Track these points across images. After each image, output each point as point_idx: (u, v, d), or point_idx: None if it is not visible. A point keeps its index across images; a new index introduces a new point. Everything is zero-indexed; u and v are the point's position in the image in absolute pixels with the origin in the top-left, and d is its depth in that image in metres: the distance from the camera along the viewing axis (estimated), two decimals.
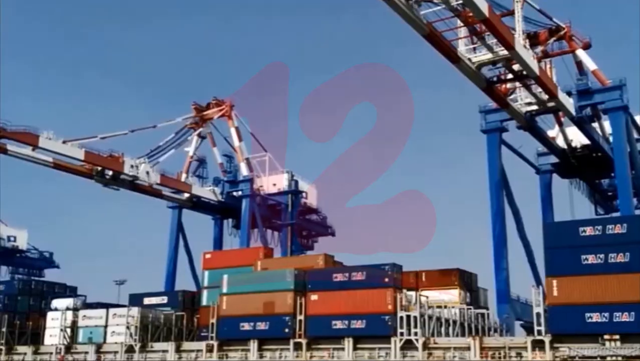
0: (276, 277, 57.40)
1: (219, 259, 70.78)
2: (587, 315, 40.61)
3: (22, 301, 78.53)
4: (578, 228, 43.05)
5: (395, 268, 52.36)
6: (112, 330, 68.41)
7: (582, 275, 41.68)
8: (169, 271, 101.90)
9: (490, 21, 49.80)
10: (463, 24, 54.00)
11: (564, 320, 41.82)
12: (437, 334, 51.67)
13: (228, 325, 58.82)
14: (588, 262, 41.61)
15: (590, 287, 40.89)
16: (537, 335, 43.22)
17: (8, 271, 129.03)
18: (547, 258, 43.57)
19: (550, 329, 42.39)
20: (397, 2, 47.94)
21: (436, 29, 53.32)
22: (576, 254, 41.99)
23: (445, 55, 55.43)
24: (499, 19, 52.21)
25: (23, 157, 76.32)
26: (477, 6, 47.88)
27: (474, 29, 54.36)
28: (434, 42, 53.50)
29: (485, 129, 74.85)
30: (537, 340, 43.11)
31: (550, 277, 42.95)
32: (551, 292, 42.63)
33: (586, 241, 42.32)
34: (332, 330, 52.98)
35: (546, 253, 43.81)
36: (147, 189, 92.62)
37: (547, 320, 43.47)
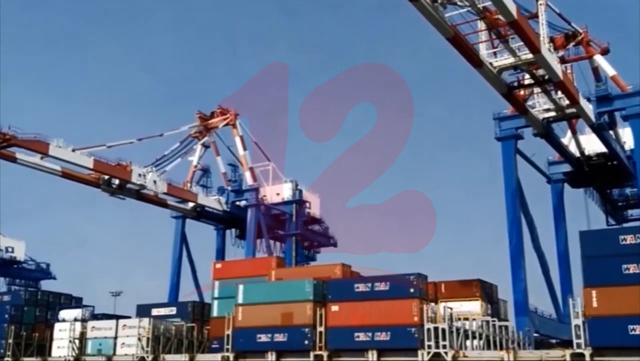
0: (294, 287, 55.72)
1: (230, 269, 68.94)
2: (630, 327, 39.01)
3: (29, 312, 76.50)
4: (618, 236, 41.56)
5: (420, 278, 50.89)
6: (122, 342, 66.51)
7: (623, 285, 40.05)
8: (173, 281, 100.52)
9: (518, 23, 48.75)
10: (488, 26, 52.83)
11: (605, 332, 40.21)
12: (463, 347, 50.16)
13: (244, 336, 57.07)
14: (629, 271, 40.06)
15: (632, 297, 39.32)
16: (576, 348, 41.70)
17: (5, 282, 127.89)
18: (585, 268, 42.00)
19: (590, 342, 40.89)
20: (424, 2, 46.79)
21: (459, 32, 52.21)
22: (617, 264, 40.42)
23: (468, 59, 54.38)
24: (526, 21, 51.12)
25: (32, 166, 74.89)
26: (506, 7, 46.84)
27: (498, 32, 53.21)
28: (457, 46, 52.44)
29: (500, 137, 73.83)
30: (576, 353, 41.58)
31: (589, 287, 41.34)
32: (590, 303, 41.06)
33: (627, 249, 40.73)
34: (354, 342, 51.25)
35: (584, 262, 42.25)
36: (152, 199, 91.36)
37: (584, 332, 41.96)
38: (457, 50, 52.77)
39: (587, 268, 41.92)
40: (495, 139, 73.82)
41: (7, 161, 73.67)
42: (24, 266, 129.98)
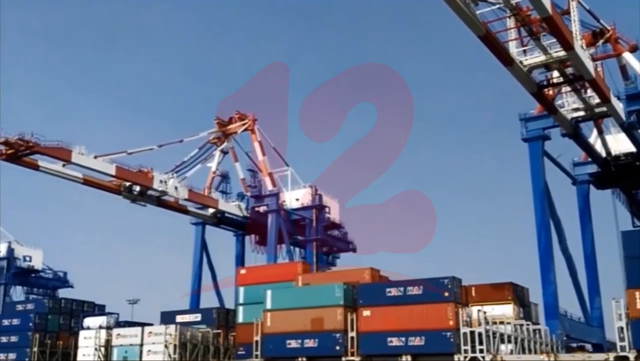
0: (324, 292, 54.82)
1: (255, 275, 68.10)
2: None
3: (52, 320, 76.14)
4: None
5: (455, 282, 49.93)
6: (148, 349, 65.88)
7: None
8: (194, 288, 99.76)
9: (553, 19, 47.71)
10: (519, 23, 51.78)
11: None
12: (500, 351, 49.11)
13: (273, 342, 56.20)
14: None
15: None
16: (620, 351, 40.59)
17: (23, 291, 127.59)
18: (628, 269, 40.92)
19: (634, 345, 39.75)
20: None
21: (490, 29, 51.26)
22: None
23: (499, 57, 53.37)
24: (560, 18, 50.13)
25: (54, 173, 74.35)
26: (541, 3, 45.79)
27: (529, 29, 52.17)
28: (488, 43, 51.41)
29: (526, 138, 72.71)
30: (620, 356, 40.49)
31: (632, 289, 40.29)
32: (634, 305, 39.98)
33: None
34: (387, 347, 50.37)
35: (627, 263, 41.17)
36: (173, 205, 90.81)
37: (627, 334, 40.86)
38: (488, 48, 51.76)
39: (630, 268, 40.85)
40: (522, 140, 72.70)
41: (29, 168, 73.18)
42: (42, 275, 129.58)
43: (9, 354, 75.56)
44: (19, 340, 75.01)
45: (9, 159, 70.46)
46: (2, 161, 70.90)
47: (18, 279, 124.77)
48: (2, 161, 70.73)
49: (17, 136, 68.19)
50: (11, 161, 70.94)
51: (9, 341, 76.15)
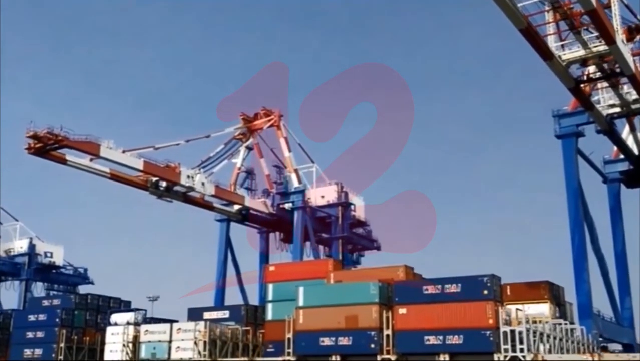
0: (358, 289, 54.08)
1: (284, 272, 67.37)
2: None
3: (79, 316, 75.79)
4: None
5: (494, 280, 48.97)
6: (177, 346, 65.27)
7: None
8: (219, 285, 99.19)
9: (597, 12, 46.67)
10: (560, 17, 50.71)
11: None
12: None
13: (306, 339, 55.58)
14: None
15: None
16: None
17: (43, 287, 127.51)
18: None
19: None
20: None
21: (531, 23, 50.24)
22: None
23: (539, 51, 52.29)
24: (603, 11, 49.01)
25: (82, 168, 73.81)
26: None
27: (571, 22, 51.07)
28: (529, 37, 50.38)
29: (560, 135, 71.53)
30: None
31: None
32: None
33: None
34: (424, 345, 49.60)
35: None
36: (199, 201, 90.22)
37: None
38: (529, 42, 50.70)
39: None
40: (555, 137, 71.52)
41: (56, 163, 72.74)
42: (62, 271, 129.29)
43: (35, 350, 75.28)
44: (45, 335, 74.71)
45: (37, 153, 70.00)
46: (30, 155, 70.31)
47: (39, 276, 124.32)
48: (31, 155, 70.17)
49: (46, 130, 67.63)
50: (39, 155, 70.49)
51: (34, 337, 75.92)
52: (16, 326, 78.90)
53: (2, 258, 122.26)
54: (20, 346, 76.49)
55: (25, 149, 69.49)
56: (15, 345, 77.64)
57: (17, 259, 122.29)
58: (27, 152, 69.69)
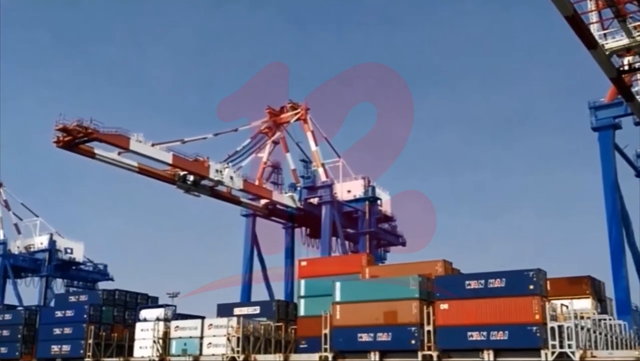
0: (397, 284, 52.79)
1: (317, 267, 66.20)
2: None
3: (107, 312, 74.85)
4: None
5: (540, 274, 47.58)
6: (208, 342, 64.42)
7: None
8: (245, 281, 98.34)
9: None
10: (606, 4, 49.08)
11: None
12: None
13: (344, 335, 54.42)
14: None
15: None
16: None
17: (63, 284, 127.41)
18: None
19: None
20: None
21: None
22: None
23: (583, 39, 50.45)
24: None
25: (110, 161, 72.76)
26: None
27: (617, 10, 49.43)
28: (575, 25, 48.64)
29: (596, 127, 70.10)
30: None
31: None
32: None
33: None
34: (467, 341, 48.23)
35: None
36: (226, 196, 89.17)
37: None
38: (574, 30, 48.96)
39: None
40: (592, 129, 70.14)
41: (85, 156, 71.77)
42: (82, 268, 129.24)
43: (62, 346, 74.44)
44: (73, 331, 73.72)
45: (65, 146, 68.99)
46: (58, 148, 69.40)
47: (59, 272, 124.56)
48: (59, 148, 69.25)
49: (76, 122, 66.66)
50: (68, 149, 69.46)
51: (62, 333, 74.84)
52: (43, 322, 77.99)
53: (23, 254, 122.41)
54: (48, 342, 75.59)
55: (54, 142, 68.54)
56: (42, 341, 76.69)
57: (37, 256, 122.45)
58: (55, 145, 68.72)
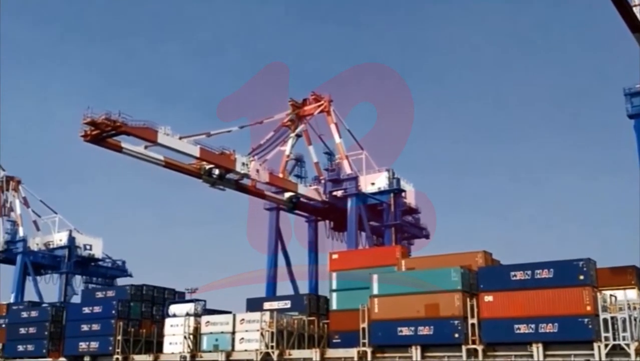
0: (439, 276, 51.41)
1: (349, 259, 64.96)
2: None
3: (135, 308, 73.93)
4: None
5: (590, 264, 46.08)
6: (240, 337, 63.35)
7: None
8: (270, 275, 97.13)
9: None
10: None
11: None
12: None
13: (383, 329, 53.14)
14: None
15: None
16: None
17: (82, 280, 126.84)
18: None
19: None
20: None
21: None
22: None
23: (628, 22, 49.15)
24: None
25: (137, 155, 71.67)
26: None
27: None
28: (621, 7, 47.32)
29: (632, 114, 68.26)
30: None
31: None
32: None
33: None
34: (515, 334, 46.86)
35: None
36: (250, 189, 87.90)
37: None
38: (620, 13, 47.59)
39: None
40: (628, 116, 68.28)
41: (112, 150, 70.69)
42: (100, 264, 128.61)
43: (91, 342, 73.66)
44: (101, 327, 72.89)
45: (93, 140, 67.94)
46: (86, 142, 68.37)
47: (78, 269, 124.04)
48: (87, 142, 68.22)
49: (104, 115, 65.57)
50: (96, 143, 68.43)
51: (90, 330, 74.17)
52: (70, 318, 77.19)
53: (42, 251, 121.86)
54: (75, 339, 74.78)
55: (82, 136, 67.52)
56: (69, 337, 75.94)
57: (56, 252, 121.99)
58: (83, 139, 67.70)
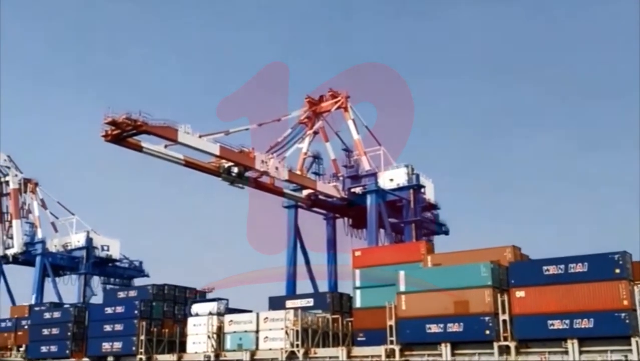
0: (468, 272, 50.58)
1: (373, 256, 64.30)
2: None
3: (157, 307, 73.65)
4: None
5: (626, 257, 45.11)
6: (264, 335, 62.77)
7: None
8: (290, 274, 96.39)
9: None
10: None
11: None
12: None
13: (411, 327, 52.41)
14: None
15: None
16: None
17: (100, 281, 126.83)
18: None
19: None
20: None
21: None
22: None
23: None
24: None
25: (157, 155, 70.92)
26: None
27: None
28: None
29: None
30: None
31: None
32: None
33: None
34: (548, 330, 46.06)
35: None
36: (269, 187, 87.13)
37: None
38: None
39: None
40: None
41: (132, 150, 70.03)
42: (118, 265, 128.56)
43: (114, 343, 73.39)
44: (124, 328, 72.68)
45: (114, 140, 67.26)
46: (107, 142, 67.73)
47: (97, 269, 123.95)
48: (107, 142, 67.60)
49: (125, 115, 64.96)
50: (116, 143, 67.77)
51: (113, 330, 73.96)
52: (92, 319, 76.95)
53: (61, 253, 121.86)
54: (98, 339, 74.59)
55: (102, 136, 66.89)
56: (92, 338, 75.75)
57: (75, 253, 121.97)
58: (104, 139, 67.06)
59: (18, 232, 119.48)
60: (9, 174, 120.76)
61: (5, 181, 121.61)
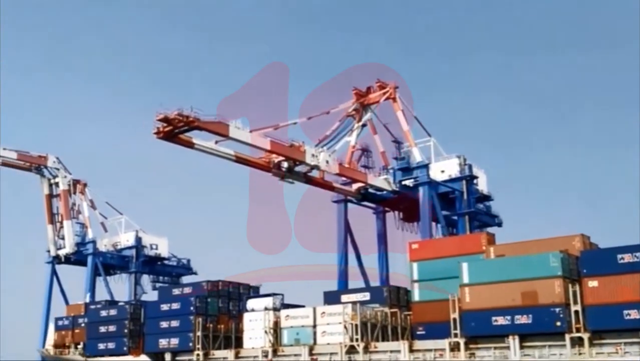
0: (536, 262, 49.05)
1: (431, 249, 63.03)
2: None
3: (212, 304, 73.55)
4: None
5: None
6: (322, 330, 61.97)
7: None
8: (341, 268, 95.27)
9: None
10: None
11: None
12: None
13: (476, 319, 51.08)
14: None
15: None
16: None
17: (149, 279, 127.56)
18: None
19: None
20: None
21: None
22: None
23: None
24: None
25: (208, 151, 70.49)
26: None
27: None
28: None
29: None
30: None
31: None
32: None
33: None
34: (624, 320, 44.35)
35: None
36: (319, 181, 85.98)
37: None
38: None
39: None
40: None
41: (184, 146, 69.70)
42: (166, 263, 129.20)
43: (170, 339, 73.35)
44: (180, 324, 72.77)
45: (166, 137, 66.86)
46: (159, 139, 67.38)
47: (146, 268, 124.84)
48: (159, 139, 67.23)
49: (177, 111, 64.45)
50: (168, 139, 67.37)
51: (169, 326, 73.99)
52: (149, 316, 77.05)
53: (111, 252, 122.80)
54: (155, 336, 74.87)
55: (154, 133, 66.57)
56: (149, 335, 75.92)
57: (124, 252, 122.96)
58: (156, 136, 66.76)
59: (69, 232, 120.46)
60: (58, 175, 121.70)
61: (55, 183, 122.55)
